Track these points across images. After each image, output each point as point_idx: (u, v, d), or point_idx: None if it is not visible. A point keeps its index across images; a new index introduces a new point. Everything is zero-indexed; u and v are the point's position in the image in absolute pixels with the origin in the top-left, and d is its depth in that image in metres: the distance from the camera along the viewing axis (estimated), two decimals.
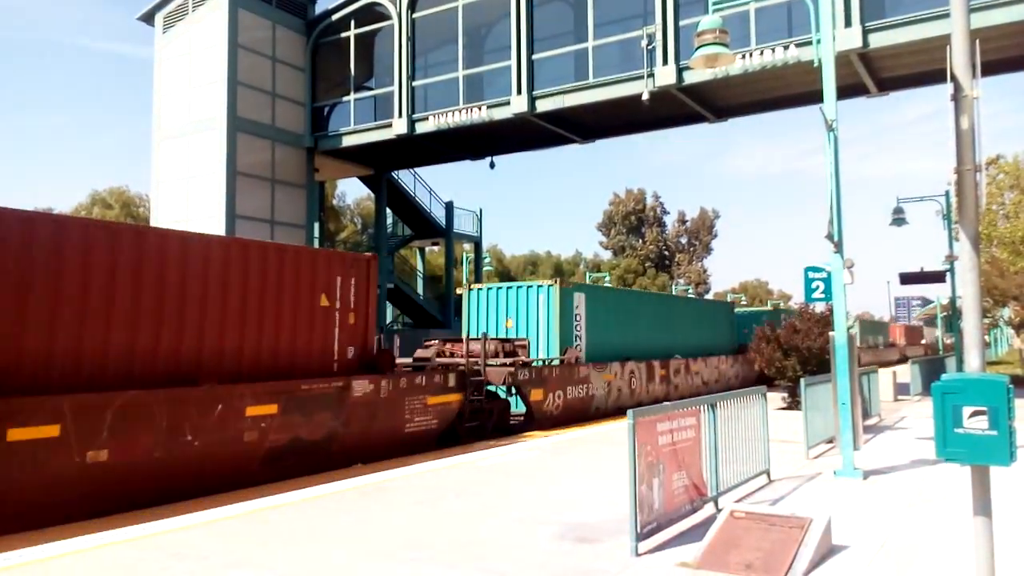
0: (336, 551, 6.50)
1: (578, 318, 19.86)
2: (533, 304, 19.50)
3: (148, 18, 28.19)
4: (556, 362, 18.55)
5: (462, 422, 15.01)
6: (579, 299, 20.07)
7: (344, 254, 13.61)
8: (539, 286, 19.62)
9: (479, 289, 20.32)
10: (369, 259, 13.60)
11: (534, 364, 17.61)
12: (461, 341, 17.41)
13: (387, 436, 13.15)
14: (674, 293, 61.08)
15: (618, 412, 19.56)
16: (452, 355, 17.04)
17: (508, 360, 16.79)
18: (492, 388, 16.56)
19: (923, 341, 77.70)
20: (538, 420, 17.15)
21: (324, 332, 12.50)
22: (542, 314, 19.35)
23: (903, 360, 50.81)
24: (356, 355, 13.04)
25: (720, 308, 32.31)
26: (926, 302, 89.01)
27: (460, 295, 21.44)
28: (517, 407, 17.68)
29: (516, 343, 17.86)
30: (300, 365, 12.09)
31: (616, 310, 22.37)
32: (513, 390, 16.96)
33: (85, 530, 7.60)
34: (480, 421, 15.70)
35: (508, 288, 20.00)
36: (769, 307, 46.85)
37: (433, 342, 18.19)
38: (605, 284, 50.07)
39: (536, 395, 17.13)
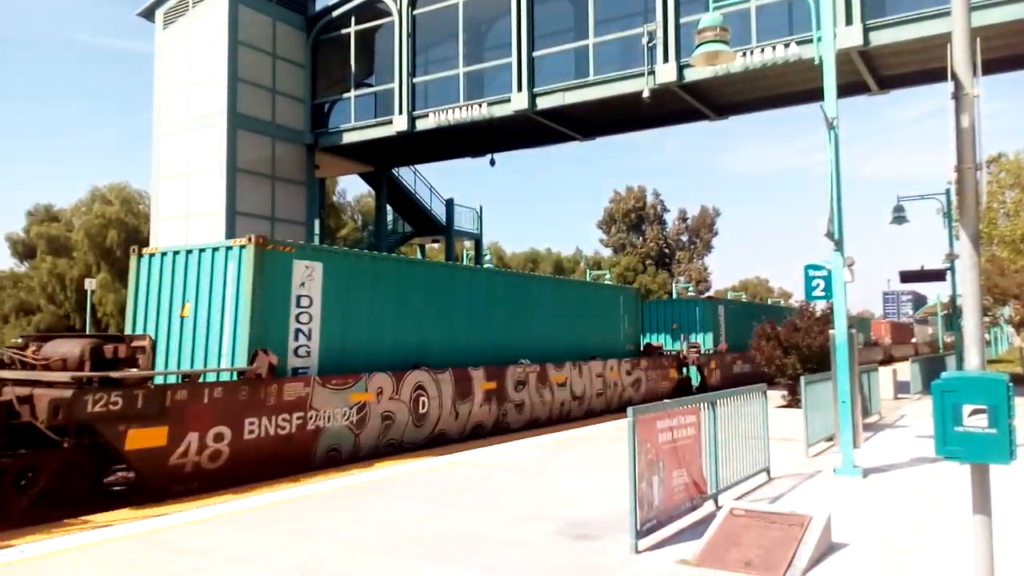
0: (337, 547, 6.51)
1: (305, 303, 13.08)
2: (220, 279, 12.57)
3: (148, 14, 28.13)
4: (231, 376, 11.83)
5: None
6: (307, 272, 13.17)
7: None
8: (228, 249, 12.63)
9: (152, 255, 13.44)
10: None
11: (154, 381, 10.57)
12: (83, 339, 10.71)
13: None
14: (675, 290, 60.62)
15: (390, 452, 13.84)
16: (29, 366, 10.40)
17: (74, 376, 9.66)
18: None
19: (913, 340, 69.77)
20: (157, 482, 10.20)
21: None
22: (229, 295, 12.41)
23: (888, 361, 48.99)
24: None
25: (612, 295, 23.96)
26: (918, 298, 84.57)
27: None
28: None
29: (135, 344, 10.78)
30: None
31: (394, 292, 15.09)
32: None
33: (94, 526, 7.61)
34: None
35: (189, 253, 13.03)
36: (705, 295, 36.08)
37: (17, 340, 11.30)
38: (609, 277, 49.28)
39: (145, 439, 9.97)
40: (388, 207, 34.17)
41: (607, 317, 22.93)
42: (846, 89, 21.04)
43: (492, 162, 30.49)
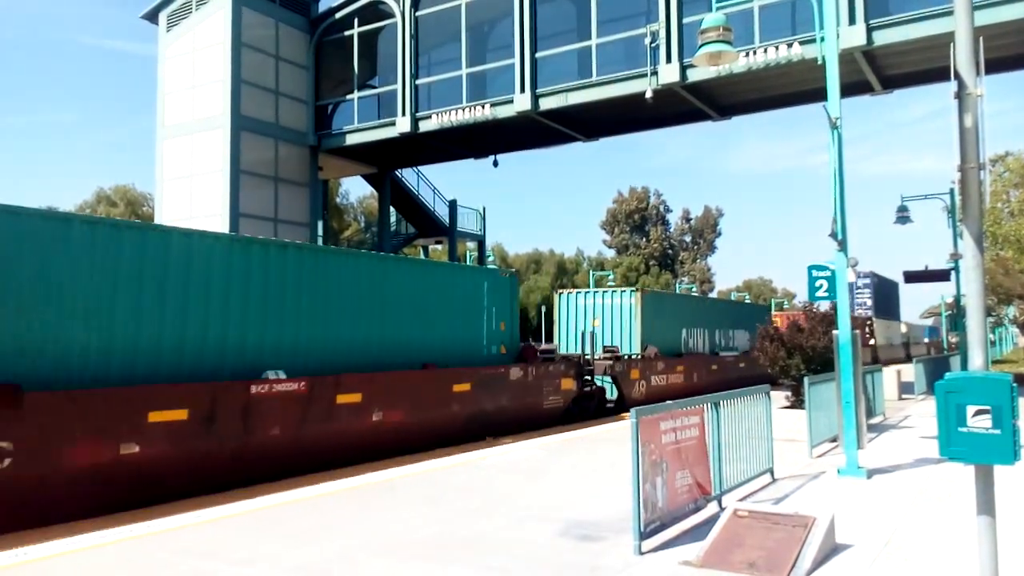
0: (340, 548, 6.51)
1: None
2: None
3: (152, 16, 28.20)
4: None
5: None
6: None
7: None
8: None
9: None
10: None
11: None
12: None
13: None
14: (678, 291, 60.20)
15: None
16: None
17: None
18: None
19: (872, 341, 49.46)
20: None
21: None
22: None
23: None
24: None
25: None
26: (884, 285, 62.50)
27: None
28: None
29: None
30: None
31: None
32: None
33: (96, 527, 7.62)
34: None
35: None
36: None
37: None
38: (610, 283, 48.98)
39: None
40: (391, 208, 34.20)
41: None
42: (849, 89, 20.98)
43: (495, 163, 30.51)
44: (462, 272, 19.07)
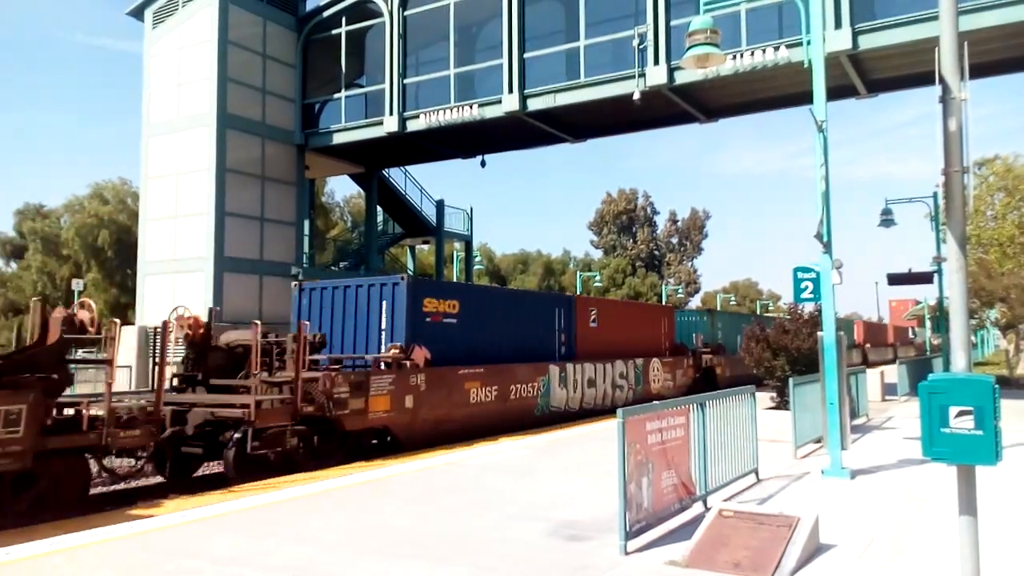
0: (327, 547, 6.49)
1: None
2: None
3: (138, 13, 28.01)
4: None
5: None
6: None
7: None
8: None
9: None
10: None
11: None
12: None
13: None
14: (664, 292, 60.50)
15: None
16: None
17: None
18: None
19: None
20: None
21: None
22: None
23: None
24: None
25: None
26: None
27: None
28: None
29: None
30: None
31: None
32: None
33: (79, 527, 7.55)
34: None
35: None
36: None
37: None
38: (599, 279, 48.96)
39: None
40: (378, 208, 34.12)
41: None
42: (835, 92, 21.13)
43: (483, 163, 30.49)
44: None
